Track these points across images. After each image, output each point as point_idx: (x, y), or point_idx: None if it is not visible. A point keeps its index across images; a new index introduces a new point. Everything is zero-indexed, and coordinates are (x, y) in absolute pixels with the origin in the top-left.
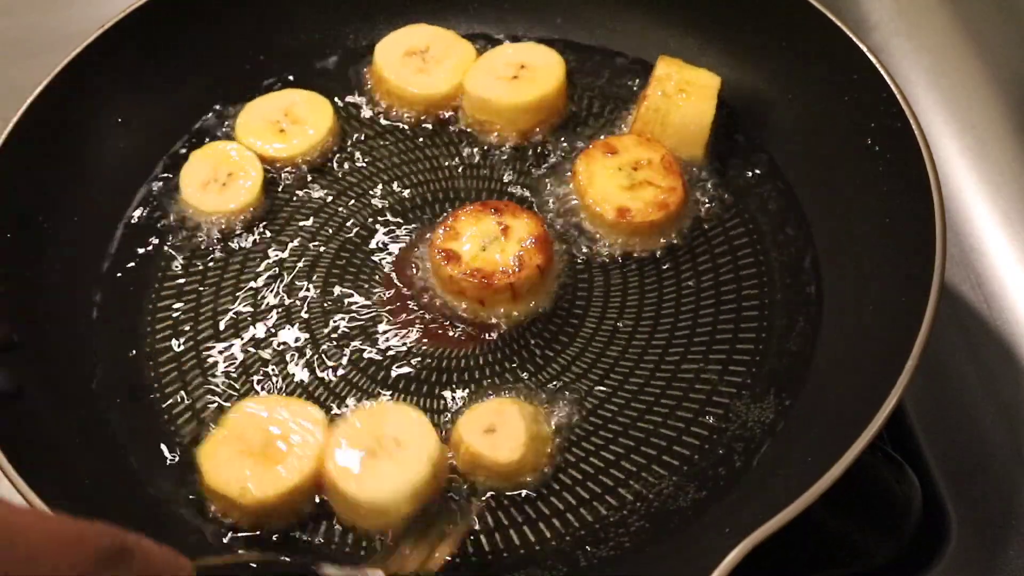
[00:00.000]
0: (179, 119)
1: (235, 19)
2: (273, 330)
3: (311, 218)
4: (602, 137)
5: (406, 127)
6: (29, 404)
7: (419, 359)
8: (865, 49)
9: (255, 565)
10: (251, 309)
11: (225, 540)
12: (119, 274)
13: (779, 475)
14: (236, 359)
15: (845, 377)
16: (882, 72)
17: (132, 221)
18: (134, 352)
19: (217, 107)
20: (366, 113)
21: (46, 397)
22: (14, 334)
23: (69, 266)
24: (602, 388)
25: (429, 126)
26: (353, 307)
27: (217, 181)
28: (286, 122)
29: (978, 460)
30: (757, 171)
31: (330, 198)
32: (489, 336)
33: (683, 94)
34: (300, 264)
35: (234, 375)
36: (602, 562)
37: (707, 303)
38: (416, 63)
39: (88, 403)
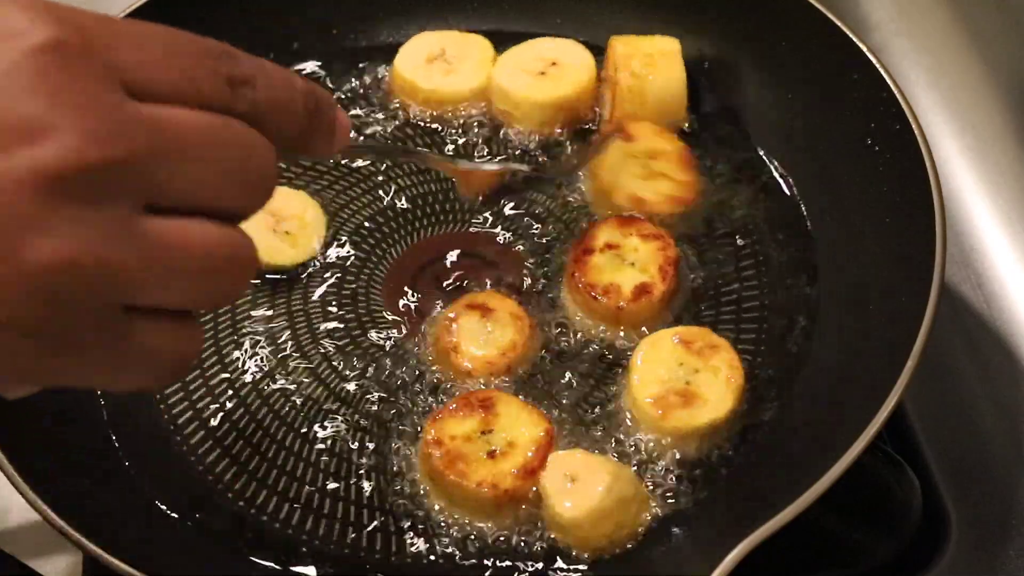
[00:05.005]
0: None
1: (235, 20)
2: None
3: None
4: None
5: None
6: (29, 404)
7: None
8: (865, 49)
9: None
10: (268, 312)
11: None
12: None
13: (779, 475)
14: (243, 360)
15: (845, 377)
16: (882, 72)
17: None
18: None
19: None
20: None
21: (46, 397)
22: None
23: None
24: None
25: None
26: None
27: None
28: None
29: (978, 460)
30: (756, 171)
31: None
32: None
33: (650, 67)
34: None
35: (237, 379)
36: (602, 562)
37: (707, 303)
38: (441, 66)
39: (89, 404)
